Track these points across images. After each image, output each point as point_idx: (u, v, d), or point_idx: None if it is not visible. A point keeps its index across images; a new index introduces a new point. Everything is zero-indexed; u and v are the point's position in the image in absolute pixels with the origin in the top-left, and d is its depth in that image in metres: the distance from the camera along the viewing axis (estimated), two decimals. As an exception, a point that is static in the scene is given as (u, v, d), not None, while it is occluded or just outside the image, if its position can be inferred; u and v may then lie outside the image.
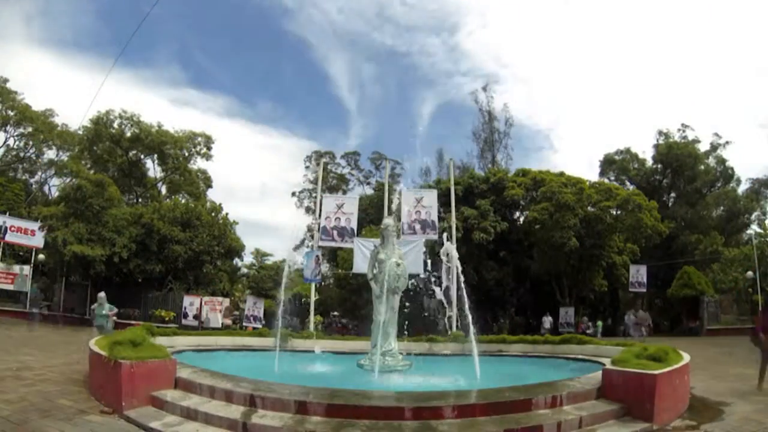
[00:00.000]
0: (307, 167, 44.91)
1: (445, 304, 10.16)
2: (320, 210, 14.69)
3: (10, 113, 29.04)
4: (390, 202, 15.71)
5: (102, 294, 11.72)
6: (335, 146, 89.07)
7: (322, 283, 29.44)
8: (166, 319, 20.39)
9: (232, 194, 66.82)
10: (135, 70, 75.53)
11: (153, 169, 32.85)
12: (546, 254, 26.05)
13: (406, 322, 8.61)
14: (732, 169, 34.40)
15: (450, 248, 9.26)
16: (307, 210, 43.46)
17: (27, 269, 20.76)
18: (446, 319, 10.88)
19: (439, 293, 9.15)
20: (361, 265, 13.09)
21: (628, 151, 36.36)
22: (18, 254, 23.46)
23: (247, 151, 73.35)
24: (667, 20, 66.69)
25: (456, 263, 8.60)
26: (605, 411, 5.11)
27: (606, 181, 32.80)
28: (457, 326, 11.84)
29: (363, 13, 73.06)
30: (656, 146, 35.37)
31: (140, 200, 31.59)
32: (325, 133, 78.69)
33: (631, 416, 5.15)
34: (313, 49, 78.65)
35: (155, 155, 31.18)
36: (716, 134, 35.03)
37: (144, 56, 75.75)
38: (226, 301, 21.93)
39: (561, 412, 4.91)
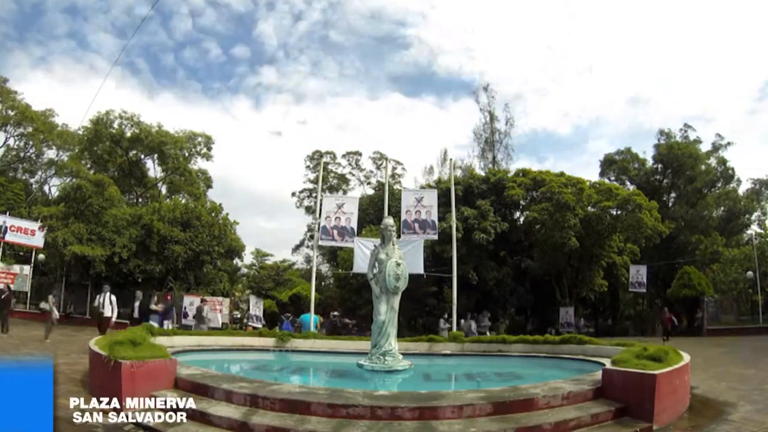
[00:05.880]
0: (307, 167, 44.86)
1: None
2: (320, 210, 14.69)
3: (10, 113, 29.05)
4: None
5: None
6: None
7: (322, 283, 29.48)
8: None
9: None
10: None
11: (153, 169, 32.80)
12: (546, 254, 26.06)
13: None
14: (732, 169, 34.42)
15: None
16: (307, 210, 43.43)
17: (27, 269, 20.75)
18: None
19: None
20: (361, 265, 13.07)
21: (628, 151, 36.31)
22: (18, 254, 23.47)
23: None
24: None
25: None
26: (605, 411, 5.10)
27: (606, 181, 32.71)
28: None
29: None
30: (657, 146, 35.35)
31: (140, 200, 31.55)
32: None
33: (631, 416, 5.14)
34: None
35: (155, 155, 31.12)
36: (718, 134, 35.25)
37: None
38: (226, 302, 21.93)
39: (560, 412, 4.91)
